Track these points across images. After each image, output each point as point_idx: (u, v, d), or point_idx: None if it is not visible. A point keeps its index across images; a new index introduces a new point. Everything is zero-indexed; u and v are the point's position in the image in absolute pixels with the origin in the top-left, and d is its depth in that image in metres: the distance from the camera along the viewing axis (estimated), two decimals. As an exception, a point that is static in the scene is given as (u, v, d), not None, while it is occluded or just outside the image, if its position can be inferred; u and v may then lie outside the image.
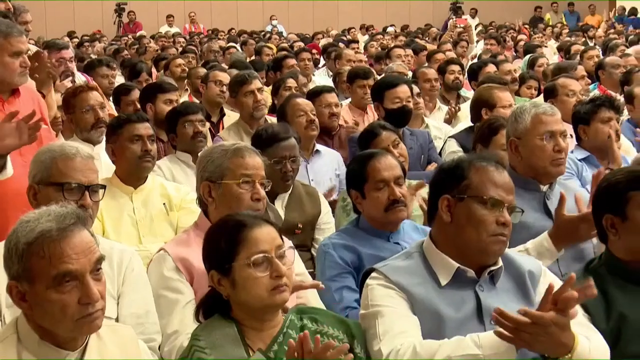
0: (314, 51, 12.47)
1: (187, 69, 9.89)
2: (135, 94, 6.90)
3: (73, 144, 3.91)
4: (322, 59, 13.27)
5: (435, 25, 23.56)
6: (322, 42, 16.61)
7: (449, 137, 6.36)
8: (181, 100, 7.23)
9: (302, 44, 15.12)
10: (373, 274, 3.07)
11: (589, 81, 8.32)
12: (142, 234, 4.55)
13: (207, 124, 6.00)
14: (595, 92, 7.79)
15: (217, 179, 3.65)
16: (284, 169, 4.79)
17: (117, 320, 3.32)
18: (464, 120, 7.06)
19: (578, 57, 10.84)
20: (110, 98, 7.43)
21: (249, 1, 25.67)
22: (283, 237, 2.95)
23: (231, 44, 16.38)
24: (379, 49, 14.31)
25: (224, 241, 2.83)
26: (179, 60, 10.38)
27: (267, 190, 3.77)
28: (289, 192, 4.87)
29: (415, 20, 24.57)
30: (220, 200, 3.59)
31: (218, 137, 6.64)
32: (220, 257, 2.82)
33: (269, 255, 2.80)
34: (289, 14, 25.48)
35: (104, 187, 3.61)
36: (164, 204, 4.67)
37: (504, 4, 26.59)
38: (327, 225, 4.86)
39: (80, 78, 7.73)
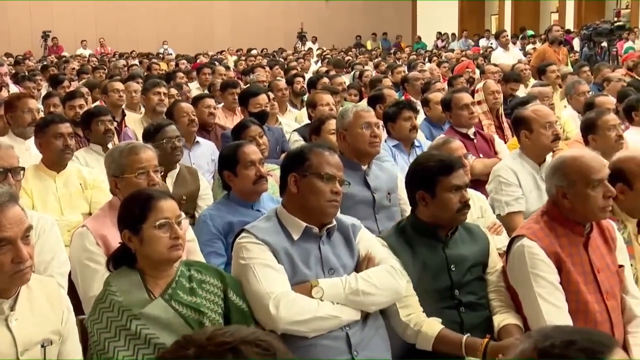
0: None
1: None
2: (55, 99, 6.77)
3: None
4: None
5: (286, 48, 23.70)
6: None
7: (293, 130, 6.41)
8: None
9: (185, 62, 14.99)
10: (243, 234, 3.02)
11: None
12: (63, 208, 4.44)
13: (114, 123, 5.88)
14: (402, 98, 7.92)
15: (120, 174, 3.55)
16: (173, 146, 4.74)
17: None
18: (306, 119, 7.11)
19: (390, 73, 11.04)
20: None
21: (145, 29, 25.30)
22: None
23: (132, 62, 16.15)
24: (246, 66, 14.25)
25: (137, 208, 2.77)
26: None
27: (161, 174, 3.71)
28: (177, 172, 4.79)
29: (272, 44, 24.58)
30: (125, 190, 3.43)
31: (127, 129, 6.55)
32: (133, 220, 2.76)
33: (170, 221, 2.75)
34: (176, 39, 25.10)
35: (23, 169, 3.54)
36: (80, 184, 4.56)
37: (336, 33, 26.94)
38: (206, 195, 4.80)
39: (14, 88, 7.50)
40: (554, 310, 2.96)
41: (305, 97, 8.70)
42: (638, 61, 11.77)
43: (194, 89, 9.89)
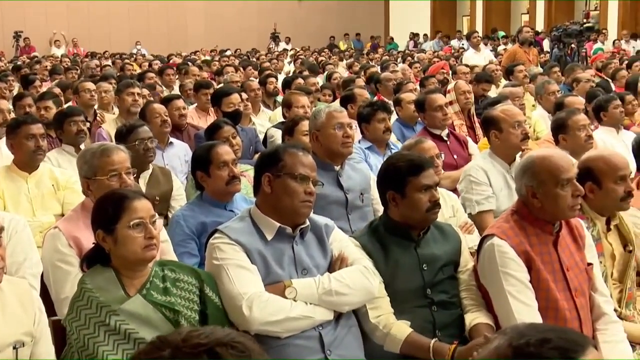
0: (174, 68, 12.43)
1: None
2: (28, 99, 6.73)
3: None
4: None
5: (259, 49, 23.67)
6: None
7: (272, 126, 6.41)
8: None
9: (158, 62, 14.92)
10: (216, 235, 3.01)
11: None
12: (35, 209, 4.42)
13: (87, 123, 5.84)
14: (375, 99, 7.93)
15: (92, 176, 3.53)
16: (145, 147, 4.72)
17: None
18: (279, 119, 7.11)
19: (362, 73, 11.07)
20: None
21: (118, 30, 25.12)
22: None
23: (105, 62, 16.08)
24: (219, 66, 14.24)
25: (111, 208, 2.75)
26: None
27: (134, 176, 3.69)
28: (150, 172, 4.77)
29: (245, 45, 24.52)
30: (97, 192, 3.39)
31: (102, 129, 6.50)
32: (106, 220, 2.74)
33: (145, 221, 2.74)
34: (149, 39, 24.96)
35: None
36: (52, 185, 4.54)
37: (310, 33, 26.95)
38: (179, 196, 4.79)
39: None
40: (524, 308, 2.98)
41: (279, 98, 8.71)
42: (607, 62, 11.91)
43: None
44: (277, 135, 5.85)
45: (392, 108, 6.49)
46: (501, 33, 22.68)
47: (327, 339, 2.89)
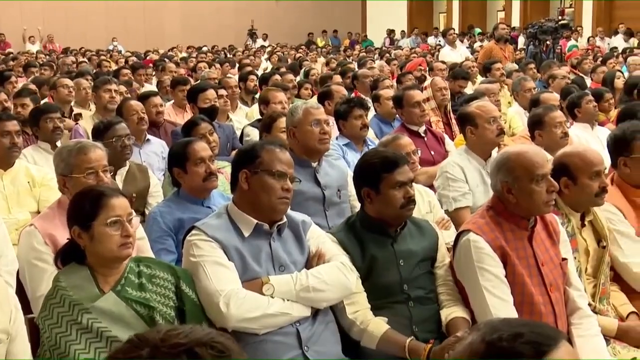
0: (151, 65, 12.35)
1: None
2: (3, 95, 6.67)
3: None
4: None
5: (237, 45, 23.58)
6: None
7: (249, 124, 6.39)
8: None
9: (135, 59, 14.82)
10: (193, 231, 3.00)
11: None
12: (10, 206, 4.37)
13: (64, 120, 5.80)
14: (352, 96, 7.92)
15: (68, 174, 3.51)
16: (123, 144, 4.69)
17: None
18: (257, 116, 7.10)
19: (339, 69, 11.07)
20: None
21: (95, 26, 24.91)
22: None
23: (81, 59, 15.95)
24: (196, 63, 14.17)
25: (88, 204, 2.73)
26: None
27: (111, 174, 3.66)
28: (126, 169, 4.74)
29: (222, 42, 24.40)
30: (74, 190, 3.34)
31: (78, 126, 6.45)
32: (83, 216, 2.72)
33: (122, 219, 2.73)
34: (126, 36, 24.78)
35: None
36: (28, 182, 4.49)
37: (287, 30, 26.89)
38: (156, 193, 4.76)
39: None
40: (499, 303, 3.00)
41: (257, 95, 8.69)
42: (581, 59, 12.01)
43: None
44: (253, 134, 5.84)
45: (370, 104, 6.49)
46: (477, 30, 22.80)
47: (304, 335, 2.89)
